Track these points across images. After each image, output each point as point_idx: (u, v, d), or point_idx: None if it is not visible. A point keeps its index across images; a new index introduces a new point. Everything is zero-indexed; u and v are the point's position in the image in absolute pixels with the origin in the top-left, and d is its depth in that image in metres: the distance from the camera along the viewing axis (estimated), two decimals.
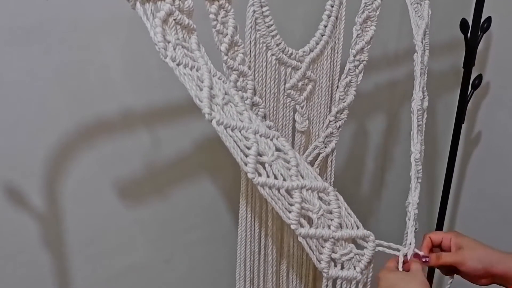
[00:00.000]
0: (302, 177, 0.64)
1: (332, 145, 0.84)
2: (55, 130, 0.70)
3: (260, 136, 0.61)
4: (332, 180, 0.88)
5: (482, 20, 1.13)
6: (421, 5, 0.84)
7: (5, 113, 0.65)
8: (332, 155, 0.86)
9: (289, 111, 0.77)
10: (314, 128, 0.82)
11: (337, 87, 0.81)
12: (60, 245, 0.76)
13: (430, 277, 1.40)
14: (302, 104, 0.77)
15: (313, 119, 0.81)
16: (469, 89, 1.21)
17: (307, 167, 0.66)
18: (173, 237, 0.90)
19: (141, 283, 0.89)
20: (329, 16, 0.75)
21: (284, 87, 0.75)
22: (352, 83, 0.81)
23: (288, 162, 0.63)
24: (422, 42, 0.81)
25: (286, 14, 0.88)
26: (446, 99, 1.31)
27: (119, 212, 0.80)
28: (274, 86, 0.74)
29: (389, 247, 0.74)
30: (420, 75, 0.81)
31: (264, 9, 0.67)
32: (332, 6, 0.74)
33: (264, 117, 0.73)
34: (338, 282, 0.70)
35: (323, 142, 0.83)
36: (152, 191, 0.84)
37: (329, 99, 0.81)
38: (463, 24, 1.13)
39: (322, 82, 0.79)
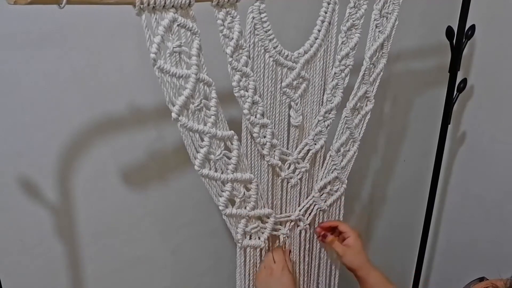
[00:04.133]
0: (236, 171, 0.75)
1: (321, 142, 0.87)
2: (69, 129, 0.72)
3: (215, 139, 0.70)
4: (324, 172, 0.90)
5: (467, 27, 1.15)
6: (387, 18, 0.86)
7: (23, 114, 0.67)
8: (321, 151, 0.89)
9: (284, 108, 0.80)
10: (308, 123, 0.85)
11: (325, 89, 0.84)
12: (73, 237, 0.77)
13: (418, 272, 1.42)
14: (296, 101, 0.80)
15: (306, 114, 0.84)
16: (455, 92, 1.22)
17: (245, 162, 0.77)
18: (180, 229, 0.92)
19: (149, 273, 0.91)
20: (322, 22, 0.78)
21: (281, 85, 0.77)
22: (339, 86, 0.84)
23: (229, 158, 0.74)
24: (370, 59, 0.85)
25: (283, 19, 0.89)
26: (434, 101, 1.33)
27: (128, 205, 0.82)
28: (271, 85, 0.76)
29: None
30: (359, 87, 0.88)
31: (262, 15, 0.70)
32: (326, 13, 0.77)
33: (262, 114, 0.76)
34: (248, 249, 0.85)
35: (313, 139, 0.86)
36: (160, 185, 0.85)
37: (322, 96, 0.84)
38: (449, 31, 1.16)
39: (315, 81, 0.82)
